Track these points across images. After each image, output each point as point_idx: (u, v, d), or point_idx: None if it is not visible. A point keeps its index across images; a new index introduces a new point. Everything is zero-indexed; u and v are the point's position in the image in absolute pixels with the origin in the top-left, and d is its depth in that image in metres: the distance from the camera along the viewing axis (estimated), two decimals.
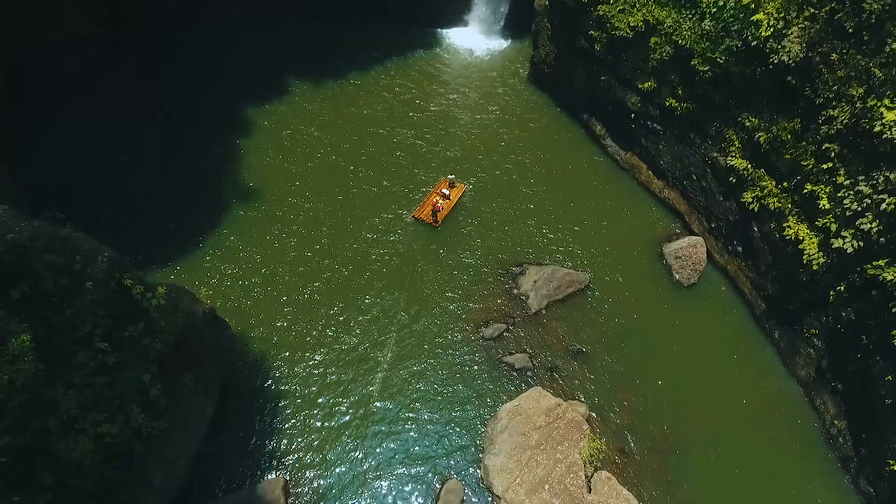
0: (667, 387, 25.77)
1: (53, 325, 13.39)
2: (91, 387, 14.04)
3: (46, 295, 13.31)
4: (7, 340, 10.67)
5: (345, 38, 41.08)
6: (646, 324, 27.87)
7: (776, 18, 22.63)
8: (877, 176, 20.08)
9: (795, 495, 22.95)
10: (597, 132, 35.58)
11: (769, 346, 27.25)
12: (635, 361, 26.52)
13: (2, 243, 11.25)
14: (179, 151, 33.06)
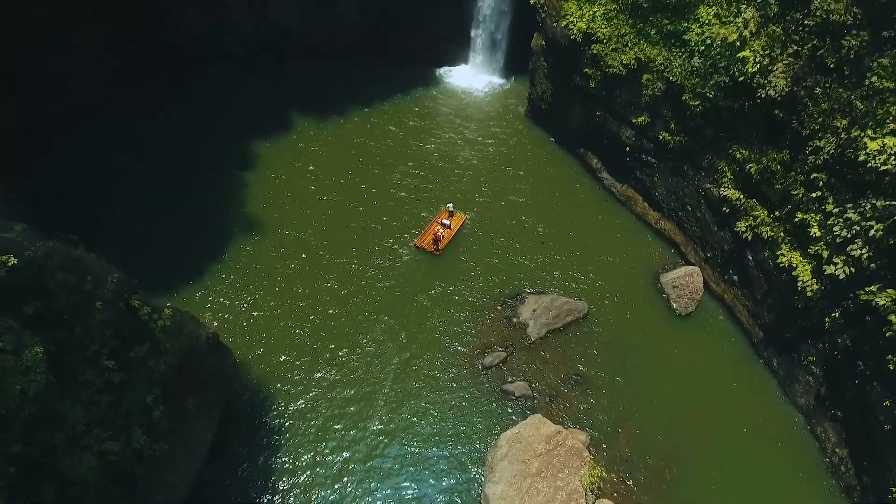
0: (667, 416, 25.76)
1: (63, 342, 13.71)
2: (97, 405, 14.26)
3: (58, 313, 13.68)
4: (21, 352, 10.99)
5: (349, 77, 42.47)
6: (645, 352, 28.04)
7: (762, 55, 23.69)
8: (864, 203, 20.70)
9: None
10: (593, 165, 36.49)
11: (768, 374, 27.37)
12: (635, 390, 26.59)
13: (20, 260, 11.68)
14: (187, 184, 33.87)
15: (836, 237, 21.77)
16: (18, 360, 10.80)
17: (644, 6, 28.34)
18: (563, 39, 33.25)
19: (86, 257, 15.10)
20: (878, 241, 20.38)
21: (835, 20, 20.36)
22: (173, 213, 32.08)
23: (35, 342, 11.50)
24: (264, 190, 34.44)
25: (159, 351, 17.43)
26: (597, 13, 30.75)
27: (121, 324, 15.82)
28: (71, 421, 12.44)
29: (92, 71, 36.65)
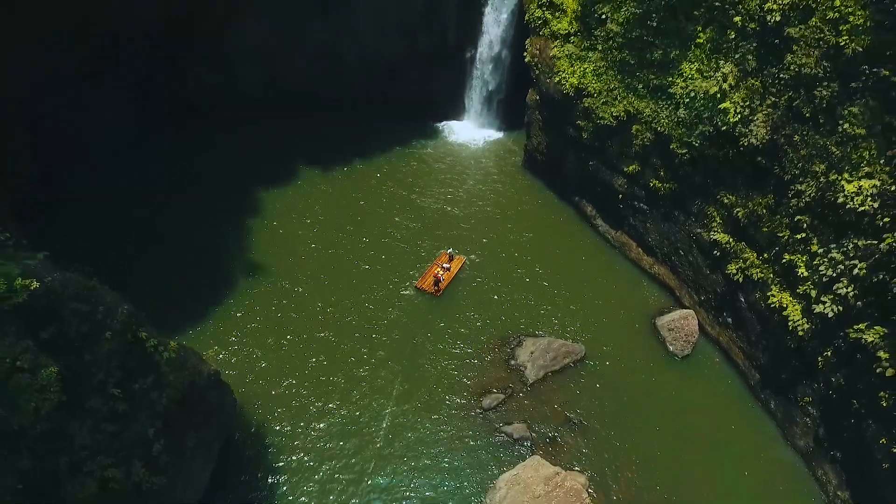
0: (666, 458, 25.67)
1: (73, 368, 14.16)
2: (102, 432, 14.55)
3: (70, 340, 14.20)
4: (37, 371, 11.48)
5: (352, 130, 44.21)
6: (643, 395, 28.17)
7: (742, 106, 25.13)
8: (846, 243, 21.51)
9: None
10: (588, 213, 37.61)
11: (766, 416, 27.42)
12: (634, 432, 26.58)
13: (40, 285, 12.35)
14: (194, 229, 34.89)
15: (823, 276, 22.45)
16: (34, 378, 11.28)
17: (631, 63, 30.12)
18: (556, 94, 35.04)
19: (98, 288, 15.75)
20: (863, 280, 21.04)
21: (807, 73, 21.82)
22: (180, 255, 32.92)
23: (49, 363, 12.02)
24: (268, 236, 35.39)
25: (163, 384, 17.80)
26: (587, 69, 32.57)
27: (127, 354, 16.29)
28: (77, 443, 12.73)
29: (106, 121, 38.35)
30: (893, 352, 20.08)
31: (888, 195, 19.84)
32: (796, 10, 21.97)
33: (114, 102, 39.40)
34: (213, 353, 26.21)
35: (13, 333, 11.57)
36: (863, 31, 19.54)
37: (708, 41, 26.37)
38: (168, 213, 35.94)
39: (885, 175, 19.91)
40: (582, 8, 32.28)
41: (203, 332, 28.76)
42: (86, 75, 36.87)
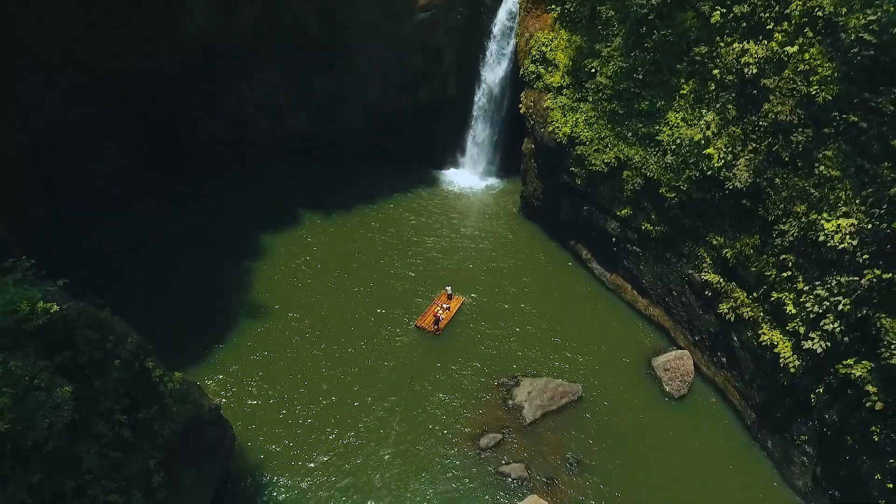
0: (664, 499, 25.55)
1: (83, 394, 14.70)
2: (106, 458, 14.92)
3: (81, 366, 14.79)
4: (53, 390, 12.05)
5: (354, 176, 45.78)
6: (640, 434, 28.25)
7: (725, 152, 26.46)
8: (830, 280, 22.29)
9: None
10: (583, 256, 38.53)
11: (764, 456, 27.43)
12: (632, 472, 26.56)
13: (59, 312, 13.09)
14: (200, 271, 35.83)
15: (810, 313, 23.10)
16: (49, 396, 11.85)
17: (620, 113, 31.75)
18: (550, 143, 36.63)
19: (110, 319, 16.46)
20: (848, 315, 21.70)
21: (783, 120, 23.19)
22: (186, 296, 33.71)
23: (64, 383, 12.60)
24: (270, 277, 36.21)
25: (165, 415, 18.20)
26: (579, 119, 34.22)
27: (133, 384, 16.82)
28: (84, 466, 13.09)
29: (119, 168, 39.90)
30: (882, 385, 20.52)
31: (865, 233, 20.78)
32: (770, 63, 23.56)
33: (126, 149, 41.15)
34: (216, 386, 26.55)
35: (32, 354, 12.22)
36: (831, 82, 20.99)
37: (691, 92, 27.99)
38: (173, 254, 36.94)
39: (861, 214, 20.91)
40: (573, 63, 34.24)
41: (204, 370, 29.15)
42: (102, 124, 38.70)
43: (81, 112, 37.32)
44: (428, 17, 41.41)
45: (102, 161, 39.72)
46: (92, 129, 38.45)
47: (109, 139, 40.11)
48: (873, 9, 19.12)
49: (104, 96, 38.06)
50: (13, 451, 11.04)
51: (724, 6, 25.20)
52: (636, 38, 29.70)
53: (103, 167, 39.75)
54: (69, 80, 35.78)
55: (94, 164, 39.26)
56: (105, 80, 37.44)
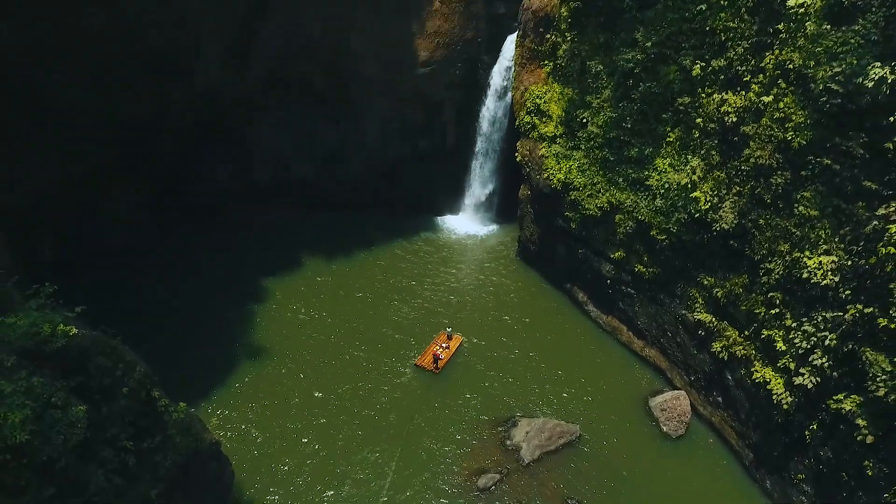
0: None
1: (92, 419, 15.21)
2: (111, 483, 15.27)
3: (91, 391, 15.37)
4: (68, 409, 12.62)
5: (355, 223, 47.06)
6: (638, 475, 28.20)
7: (711, 195, 27.69)
8: (816, 316, 22.99)
9: None
10: (580, 299, 39.26)
11: (763, 496, 27.31)
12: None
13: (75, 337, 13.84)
14: (203, 312, 36.48)
15: (799, 349, 23.67)
16: (65, 414, 12.42)
17: (611, 159, 33.24)
18: (545, 189, 38.03)
19: (120, 348, 17.15)
20: (835, 350, 22.28)
21: (763, 164, 24.50)
22: (188, 336, 34.21)
23: (78, 403, 13.18)
24: (273, 320, 36.82)
25: (168, 446, 18.56)
26: (572, 166, 35.73)
27: (139, 412, 17.31)
28: (93, 487, 13.46)
29: (126, 213, 41.19)
30: (871, 419, 20.90)
31: (846, 269, 21.66)
32: (748, 112, 25.09)
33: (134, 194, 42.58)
34: (215, 425, 26.76)
35: (49, 375, 12.88)
36: (805, 128, 22.37)
37: (677, 139, 29.50)
38: (176, 296, 37.64)
39: (840, 251, 21.86)
40: (565, 114, 36.06)
41: (204, 408, 29.38)
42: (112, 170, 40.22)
43: (92, 158, 38.88)
44: (428, 72, 43.77)
45: (111, 206, 41.06)
46: (102, 175, 39.94)
47: (118, 185, 41.58)
48: (838, 62, 20.69)
49: (115, 143, 39.72)
50: (29, 465, 11.53)
51: (703, 60, 26.99)
52: (624, 90, 31.50)
53: (111, 212, 41.06)
54: (82, 128, 37.41)
55: (103, 210, 40.58)
56: (117, 129, 39.18)
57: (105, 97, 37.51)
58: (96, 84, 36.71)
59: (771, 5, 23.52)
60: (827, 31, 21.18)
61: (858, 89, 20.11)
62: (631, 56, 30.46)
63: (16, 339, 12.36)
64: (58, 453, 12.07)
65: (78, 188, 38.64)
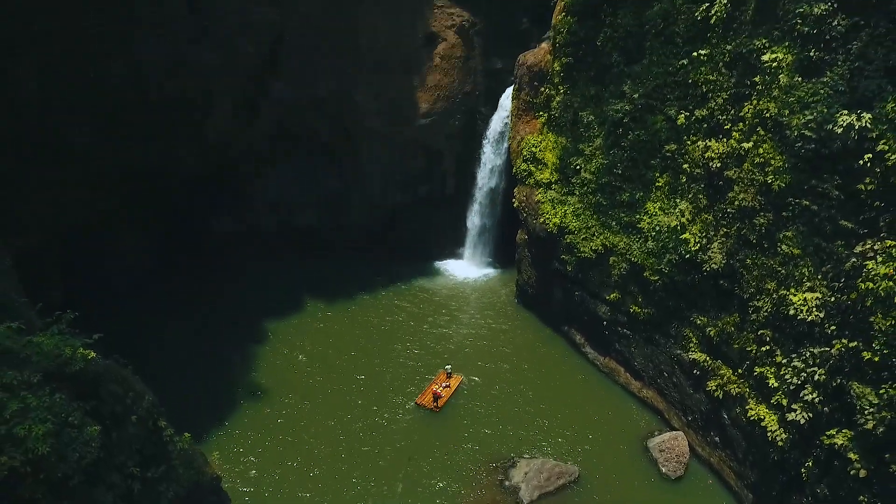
0: None
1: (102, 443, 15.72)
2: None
3: (102, 417, 15.93)
4: (83, 428, 13.22)
5: (356, 267, 48.09)
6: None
7: (700, 237, 28.79)
8: (804, 352, 23.63)
9: None
10: (577, 341, 39.80)
11: None
12: None
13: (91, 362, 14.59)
14: (206, 352, 37.07)
15: (790, 385, 24.18)
16: (80, 433, 13.01)
17: (604, 204, 34.57)
18: (542, 233, 39.24)
19: (130, 377, 17.82)
20: (825, 385, 22.81)
21: (746, 206, 25.70)
22: (190, 376, 34.70)
23: (93, 423, 13.78)
24: (274, 361, 37.37)
25: (172, 476, 18.84)
26: (567, 211, 37.05)
27: (146, 441, 17.78)
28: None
29: (134, 257, 42.32)
30: (863, 452, 21.22)
31: (830, 305, 22.48)
32: (731, 157, 26.51)
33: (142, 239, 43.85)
34: (215, 462, 26.89)
35: (67, 396, 13.55)
36: (783, 172, 23.67)
37: (665, 184, 30.88)
38: (180, 338, 38.29)
39: (823, 288, 22.74)
40: (560, 161, 37.69)
41: (205, 446, 29.38)
42: (122, 215, 41.63)
43: (104, 204, 40.33)
44: (429, 123, 45.83)
45: (119, 250, 42.28)
46: (112, 220, 41.31)
47: (127, 230, 42.92)
48: (810, 110, 22.20)
49: (126, 190, 41.30)
50: (45, 480, 12.05)
51: (687, 110, 28.68)
52: (614, 138, 33.17)
53: (120, 256, 42.24)
54: (96, 174, 38.99)
55: (112, 253, 41.76)
56: (129, 176, 40.82)
57: (119, 146, 39.31)
58: (112, 133, 38.57)
59: (747, 60, 25.30)
60: (799, 83, 22.81)
61: (830, 135, 21.51)
62: (620, 107, 32.26)
63: (39, 359, 13.11)
64: (72, 470, 12.59)
65: (88, 232, 39.91)
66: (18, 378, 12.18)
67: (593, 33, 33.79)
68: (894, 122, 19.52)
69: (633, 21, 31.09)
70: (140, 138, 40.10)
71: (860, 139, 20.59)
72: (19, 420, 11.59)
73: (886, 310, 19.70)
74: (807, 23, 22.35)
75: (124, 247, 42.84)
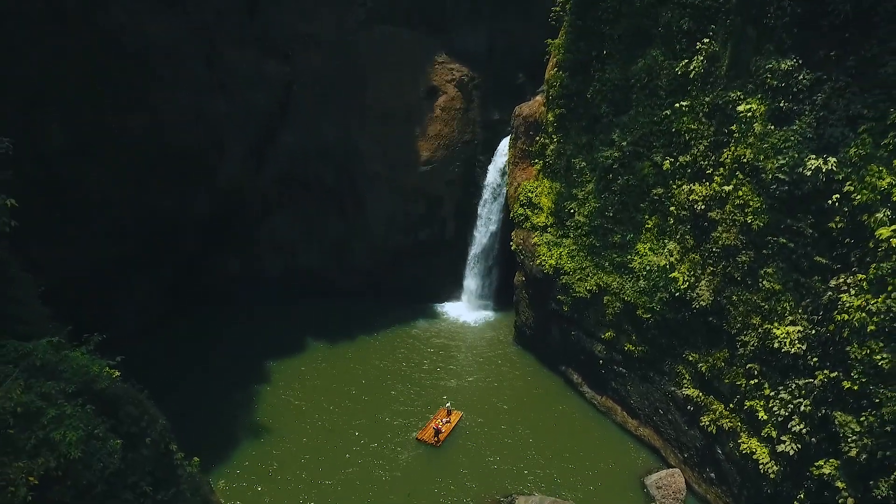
0: None
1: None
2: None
3: (119, 436, 16.86)
4: (106, 441, 14.18)
5: (358, 309, 49.17)
6: None
7: (688, 275, 30.14)
8: (790, 384, 24.57)
9: None
10: (574, 381, 40.50)
11: None
12: None
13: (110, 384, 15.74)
14: (209, 392, 37.65)
15: (778, 417, 24.99)
16: (104, 445, 13.98)
17: (597, 245, 36.10)
18: (538, 274, 40.62)
19: (145, 401, 18.84)
20: (811, 416, 23.65)
21: (730, 245, 27.17)
22: (193, 414, 35.14)
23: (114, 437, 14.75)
24: (277, 399, 37.97)
25: (180, 500, 19.58)
26: (563, 252, 38.56)
27: (157, 463, 18.60)
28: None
29: (144, 298, 43.47)
30: (849, 481, 21.88)
31: (811, 338, 23.60)
32: (714, 200, 28.17)
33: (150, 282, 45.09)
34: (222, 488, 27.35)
35: (93, 411, 14.60)
36: (761, 212, 25.27)
37: (654, 226, 32.47)
38: (184, 377, 39.01)
39: (804, 321, 23.91)
40: (555, 205, 39.48)
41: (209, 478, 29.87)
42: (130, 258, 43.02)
43: (117, 247, 41.79)
44: (429, 171, 48.00)
45: (129, 292, 43.46)
46: (124, 263, 42.68)
47: (138, 272, 44.22)
48: (782, 155, 23.98)
49: (140, 234, 42.89)
50: (74, 486, 12.95)
51: (672, 157, 30.59)
52: (605, 183, 35.03)
53: (129, 298, 43.40)
54: (111, 219, 40.68)
55: (121, 294, 42.93)
56: (143, 220, 42.51)
57: (136, 192, 41.21)
58: (129, 179, 40.54)
59: (724, 110, 27.34)
60: (771, 131, 24.71)
61: (801, 178, 23.20)
62: (609, 154, 34.25)
63: (72, 374, 14.25)
64: (96, 479, 13.48)
65: (100, 274, 41.23)
66: (56, 388, 13.29)
67: (584, 87, 36.23)
68: (857, 166, 21.22)
69: (619, 76, 33.49)
70: (156, 185, 42.01)
71: (828, 181, 22.27)
72: (55, 426, 12.63)
73: (861, 340, 20.84)
74: (775, 77, 24.44)
75: (134, 289, 44.04)
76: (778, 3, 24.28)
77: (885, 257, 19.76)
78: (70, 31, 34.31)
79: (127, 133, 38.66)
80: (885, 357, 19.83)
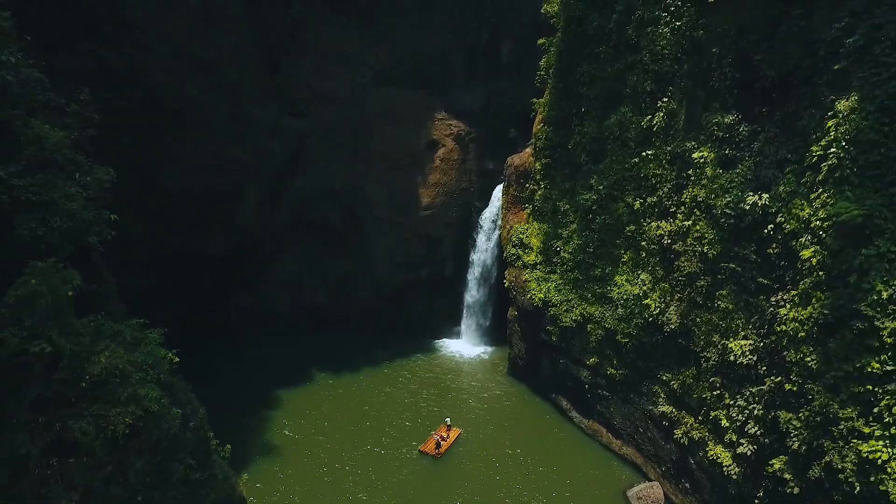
0: None
1: None
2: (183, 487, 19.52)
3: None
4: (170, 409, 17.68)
5: (362, 344, 52.53)
6: None
7: (659, 302, 33.93)
8: (745, 391, 27.97)
9: None
10: (564, 407, 43.50)
11: None
12: None
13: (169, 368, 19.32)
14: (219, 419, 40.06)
15: (737, 422, 28.24)
16: (168, 411, 17.44)
17: (580, 279, 40.05)
18: (529, 307, 44.35)
19: (189, 393, 22.35)
20: (763, 419, 26.95)
21: (691, 272, 31.14)
22: None
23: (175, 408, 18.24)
24: (285, 425, 40.84)
25: (212, 483, 22.65)
26: (551, 287, 42.44)
27: (197, 446, 21.91)
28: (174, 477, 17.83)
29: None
30: (795, 472, 24.94)
31: (760, 349, 27.21)
32: (677, 234, 32.32)
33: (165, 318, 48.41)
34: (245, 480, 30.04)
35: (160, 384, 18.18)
36: (715, 242, 29.36)
37: (629, 259, 36.53)
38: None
39: (754, 335, 27.58)
40: (543, 245, 43.71)
41: None
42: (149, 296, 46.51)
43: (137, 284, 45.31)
44: (429, 214, 52.48)
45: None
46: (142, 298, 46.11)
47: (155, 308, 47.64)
48: (729, 194, 28.32)
49: (155, 272, 46.55)
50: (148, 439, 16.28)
51: (641, 198, 35.00)
52: (586, 223, 39.37)
53: None
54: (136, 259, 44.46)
55: None
56: (164, 259, 46.39)
57: (160, 231, 45.34)
58: (154, 221, 44.74)
59: (682, 157, 31.92)
60: (720, 174, 29.17)
61: (743, 212, 27.45)
62: (589, 197, 38.73)
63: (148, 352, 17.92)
64: (163, 436, 16.87)
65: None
66: (140, 358, 16.96)
67: (566, 139, 41.20)
68: (785, 200, 25.46)
69: (595, 130, 38.43)
70: (179, 225, 46.23)
71: (764, 213, 26.48)
72: (140, 385, 16.23)
73: (796, 346, 24.48)
74: (721, 129, 29.12)
75: (151, 323, 47.38)
76: (720, 70, 29.25)
77: (809, 273, 23.69)
78: (118, 89, 39.31)
79: (155, 181, 43.14)
80: (813, 358, 23.43)
